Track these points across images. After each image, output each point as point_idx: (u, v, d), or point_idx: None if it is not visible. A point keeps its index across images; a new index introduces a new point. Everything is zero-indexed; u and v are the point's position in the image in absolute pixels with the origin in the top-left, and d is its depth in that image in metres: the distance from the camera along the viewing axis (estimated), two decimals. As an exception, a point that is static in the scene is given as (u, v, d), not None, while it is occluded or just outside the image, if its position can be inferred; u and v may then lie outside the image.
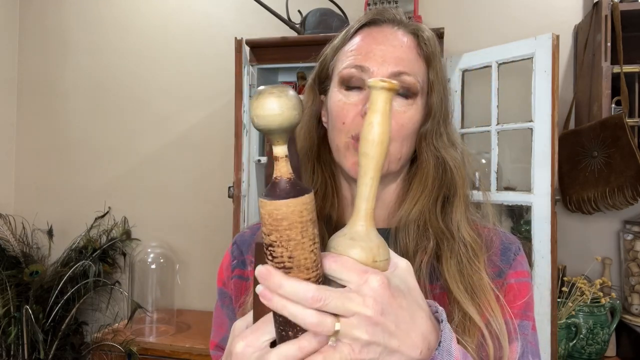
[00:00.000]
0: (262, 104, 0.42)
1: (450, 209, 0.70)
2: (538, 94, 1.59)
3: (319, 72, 0.77)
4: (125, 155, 2.50)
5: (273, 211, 0.43)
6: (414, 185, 0.71)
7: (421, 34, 0.71)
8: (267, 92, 0.42)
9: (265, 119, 0.42)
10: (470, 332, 0.61)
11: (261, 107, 0.42)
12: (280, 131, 0.43)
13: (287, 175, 0.44)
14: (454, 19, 2.12)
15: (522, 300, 0.68)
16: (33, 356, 2.04)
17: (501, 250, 0.71)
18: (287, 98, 0.42)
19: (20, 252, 2.36)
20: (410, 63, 0.69)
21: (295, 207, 0.43)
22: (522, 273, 0.70)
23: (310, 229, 0.44)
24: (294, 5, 2.08)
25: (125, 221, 2.48)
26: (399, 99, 0.68)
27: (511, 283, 0.69)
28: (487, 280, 0.65)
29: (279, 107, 0.42)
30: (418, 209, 0.69)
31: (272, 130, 0.43)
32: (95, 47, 2.58)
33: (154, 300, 2.21)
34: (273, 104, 0.42)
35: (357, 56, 0.69)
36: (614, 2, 1.79)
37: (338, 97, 0.70)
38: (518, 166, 1.94)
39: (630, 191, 1.68)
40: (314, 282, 0.44)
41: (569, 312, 1.71)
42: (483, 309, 0.63)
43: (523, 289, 0.69)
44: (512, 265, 0.70)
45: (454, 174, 0.70)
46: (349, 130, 0.67)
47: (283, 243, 0.43)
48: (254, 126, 0.44)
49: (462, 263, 0.65)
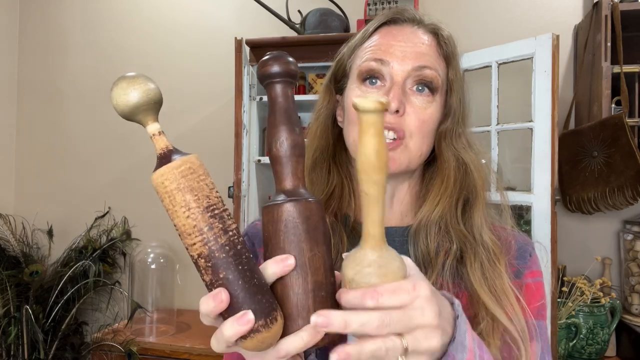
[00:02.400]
0: (113, 97, 0.46)
1: (471, 211, 0.69)
2: (538, 94, 1.59)
3: (336, 71, 0.77)
4: (125, 156, 2.50)
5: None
6: (435, 186, 0.71)
7: (441, 33, 0.71)
8: (114, 85, 0.46)
9: (119, 108, 0.46)
10: (495, 334, 0.61)
11: (114, 100, 0.46)
12: (140, 114, 0.46)
13: (160, 150, 0.47)
14: (454, 19, 2.12)
15: (538, 300, 0.68)
16: (33, 356, 2.04)
17: (517, 251, 0.70)
18: (129, 83, 0.46)
19: (20, 252, 2.36)
20: (431, 59, 0.68)
21: (157, 180, 0.45)
22: (537, 273, 0.70)
23: (179, 196, 0.45)
24: (294, 5, 2.08)
25: (125, 221, 2.48)
26: (419, 96, 0.68)
27: (529, 283, 0.68)
28: (508, 282, 0.65)
29: (126, 95, 0.45)
30: (440, 210, 0.69)
31: (133, 117, 0.46)
32: (95, 47, 2.58)
33: (154, 300, 2.21)
34: (119, 95, 0.46)
35: (377, 51, 0.69)
36: (614, 2, 1.79)
37: (356, 92, 0.70)
38: (518, 166, 1.94)
39: (630, 191, 1.68)
40: (200, 246, 0.44)
41: (569, 312, 1.71)
42: (507, 311, 0.63)
43: (539, 288, 0.69)
44: (528, 265, 0.70)
45: (475, 176, 0.70)
46: None
47: (168, 213, 0.46)
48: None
49: (484, 266, 0.65)
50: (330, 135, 0.76)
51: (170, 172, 0.45)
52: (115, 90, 0.46)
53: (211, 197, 0.46)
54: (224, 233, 0.45)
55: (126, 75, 0.47)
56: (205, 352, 1.91)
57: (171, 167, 0.45)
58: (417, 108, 0.67)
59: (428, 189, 0.72)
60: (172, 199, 0.45)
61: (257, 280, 0.45)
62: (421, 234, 0.68)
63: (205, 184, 0.46)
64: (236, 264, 0.45)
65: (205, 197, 0.45)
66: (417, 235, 0.69)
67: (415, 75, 0.67)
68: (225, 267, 0.45)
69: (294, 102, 0.52)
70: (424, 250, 0.67)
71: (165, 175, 0.45)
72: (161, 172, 0.45)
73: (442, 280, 0.65)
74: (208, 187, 0.46)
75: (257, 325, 0.44)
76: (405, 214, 0.73)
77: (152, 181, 0.46)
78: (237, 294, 0.44)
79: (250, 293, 0.45)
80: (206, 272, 0.45)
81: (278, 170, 0.51)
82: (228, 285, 0.44)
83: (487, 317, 0.62)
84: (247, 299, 0.44)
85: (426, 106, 0.68)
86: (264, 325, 0.44)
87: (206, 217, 0.45)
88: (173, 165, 0.45)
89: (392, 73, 0.67)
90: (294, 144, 0.50)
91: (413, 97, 0.68)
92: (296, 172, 0.51)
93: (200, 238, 0.45)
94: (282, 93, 0.51)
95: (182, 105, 2.44)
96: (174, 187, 0.45)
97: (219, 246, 0.45)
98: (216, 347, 0.47)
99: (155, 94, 0.47)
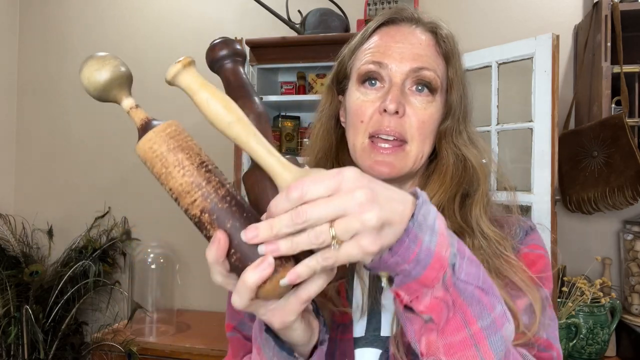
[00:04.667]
0: (83, 77, 0.45)
1: (470, 205, 0.69)
2: (538, 94, 1.59)
3: (337, 72, 0.77)
4: (125, 156, 2.50)
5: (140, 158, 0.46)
6: (431, 182, 0.71)
7: (439, 32, 0.71)
8: (82, 66, 0.45)
9: (92, 86, 0.45)
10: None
11: (85, 80, 0.45)
12: (114, 89, 0.46)
13: (140, 122, 0.46)
14: (454, 18, 2.12)
15: (540, 271, 0.66)
16: (33, 356, 2.04)
17: (515, 231, 0.70)
18: (97, 61, 0.45)
19: (20, 252, 2.36)
20: (429, 59, 0.69)
21: (144, 146, 0.45)
22: (536, 246, 0.69)
23: (171, 157, 0.44)
24: (294, 5, 2.08)
25: (125, 221, 2.48)
26: (419, 96, 0.68)
27: (525, 252, 0.68)
28: (513, 262, 0.64)
29: (97, 71, 0.45)
30: (434, 204, 0.68)
31: (107, 94, 0.46)
32: (95, 47, 2.58)
33: (154, 300, 2.21)
34: (90, 73, 0.45)
35: (375, 53, 0.69)
36: (614, 2, 1.79)
37: (356, 95, 0.70)
38: (518, 166, 1.94)
39: (630, 191, 1.68)
40: (201, 201, 0.44)
41: (569, 312, 1.71)
42: (517, 286, 0.62)
43: (540, 258, 0.68)
44: (525, 240, 0.69)
45: (476, 170, 0.70)
46: (366, 128, 0.68)
47: (161, 180, 0.45)
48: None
49: (485, 253, 0.64)
50: (333, 136, 0.77)
51: (157, 135, 0.45)
52: (85, 70, 0.45)
53: (202, 154, 0.46)
54: (222, 185, 0.45)
55: (92, 55, 0.46)
56: (205, 352, 1.91)
57: (157, 131, 0.45)
58: (417, 109, 0.67)
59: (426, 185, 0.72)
60: (164, 161, 0.44)
61: None
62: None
63: (193, 143, 0.46)
64: (240, 212, 0.45)
65: (196, 155, 0.45)
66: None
67: (414, 76, 0.67)
68: (230, 215, 0.44)
69: (247, 77, 0.53)
70: None
71: (153, 139, 0.45)
72: (148, 137, 0.45)
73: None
74: (197, 146, 0.46)
75: (275, 265, 0.43)
76: None
77: (137, 150, 0.45)
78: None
79: None
80: (212, 226, 0.45)
81: None
82: (237, 233, 0.44)
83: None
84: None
85: (426, 106, 0.68)
86: (280, 265, 0.44)
87: (202, 172, 0.45)
88: (159, 128, 0.45)
89: (390, 75, 0.68)
90: (257, 114, 0.51)
91: (412, 97, 0.68)
92: (266, 139, 0.51)
93: (200, 193, 0.44)
94: (232, 72, 0.52)
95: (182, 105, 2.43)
96: (164, 149, 0.45)
97: (220, 197, 0.45)
98: (239, 303, 0.45)
99: (125, 68, 0.47)
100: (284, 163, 0.45)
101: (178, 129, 0.46)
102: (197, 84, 0.46)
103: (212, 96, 0.45)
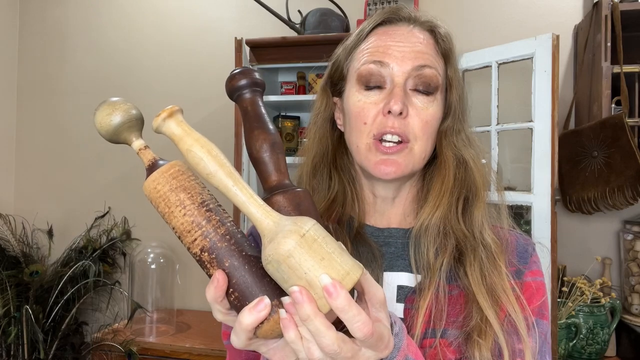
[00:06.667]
0: (96, 121, 0.48)
1: (471, 210, 0.69)
2: (538, 94, 1.59)
3: (332, 73, 0.75)
4: (125, 156, 2.50)
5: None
6: (435, 186, 0.70)
7: (438, 31, 0.70)
8: (96, 111, 0.49)
9: (103, 129, 0.48)
10: (487, 336, 0.61)
11: (97, 124, 0.48)
12: (124, 132, 0.48)
13: (148, 162, 0.49)
14: (454, 19, 2.12)
15: (539, 299, 0.67)
16: (33, 356, 2.04)
17: (518, 250, 0.70)
18: (109, 106, 0.48)
19: (20, 252, 2.36)
20: (430, 57, 0.68)
21: (150, 186, 0.47)
22: (538, 272, 0.69)
23: (173, 197, 0.46)
24: (294, 5, 2.08)
25: (125, 221, 2.48)
26: (420, 96, 0.67)
27: (528, 282, 0.68)
28: (508, 280, 0.65)
29: (108, 116, 0.48)
30: (440, 213, 0.68)
31: (117, 136, 0.49)
32: (95, 47, 2.58)
33: (154, 300, 2.21)
34: (102, 117, 0.48)
35: (375, 53, 0.68)
36: (614, 2, 1.79)
37: (357, 97, 0.68)
38: (518, 166, 1.94)
39: (630, 191, 1.68)
40: (201, 240, 0.45)
41: (569, 312, 1.71)
42: (504, 309, 0.62)
43: (540, 288, 0.68)
44: (529, 265, 0.69)
45: (475, 173, 0.69)
46: (370, 130, 0.66)
47: (165, 218, 0.47)
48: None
49: (484, 266, 0.64)
50: (329, 139, 0.75)
51: (161, 176, 0.47)
52: (98, 115, 0.48)
53: (203, 194, 0.47)
54: (222, 224, 0.46)
55: (105, 100, 0.49)
56: (205, 352, 1.91)
57: (161, 172, 0.47)
58: (419, 109, 0.66)
59: (428, 189, 0.71)
60: (167, 201, 0.46)
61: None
62: (422, 238, 0.68)
63: (196, 182, 0.48)
64: (239, 251, 0.46)
65: (198, 194, 0.47)
66: (418, 239, 0.68)
67: (416, 75, 0.66)
68: (229, 255, 0.45)
69: (265, 107, 0.55)
70: (424, 254, 0.67)
71: (157, 180, 0.47)
72: (152, 177, 0.47)
73: (439, 280, 0.65)
74: (199, 186, 0.48)
75: (272, 305, 0.44)
76: (407, 214, 0.73)
77: (144, 190, 0.47)
78: (245, 279, 0.45)
79: (258, 276, 0.45)
80: (211, 265, 0.45)
81: (262, 169, 0.53)
82: (235, 272, 0.45)
83: (478, 316, 0.62)
84: (255, 282, 0.45)
85: (428, 106, 0.67)
86: (278, 305, 0.44)
87: (202, 211, 0.46)
88: (162, 169, 0.47)
89: (392, 75, 0.66)
90: (271, 143, 0.53)
91: (414, 97, 0.67)
92: (279, 168, 0.52)
93: (200, 232, 0.45)
94: (250, 102, 0.54)
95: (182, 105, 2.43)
96: (167, 189, 0.46)
97: (220, 236, 0.45)
98: (237, 343, 0.46)
99: (136, 112, 0.49)
100: (265, 211, 0.46)
101: (181, 169, 0.48)
102: (179, 134, 0.48)
103: (191, 147, 0.47)
